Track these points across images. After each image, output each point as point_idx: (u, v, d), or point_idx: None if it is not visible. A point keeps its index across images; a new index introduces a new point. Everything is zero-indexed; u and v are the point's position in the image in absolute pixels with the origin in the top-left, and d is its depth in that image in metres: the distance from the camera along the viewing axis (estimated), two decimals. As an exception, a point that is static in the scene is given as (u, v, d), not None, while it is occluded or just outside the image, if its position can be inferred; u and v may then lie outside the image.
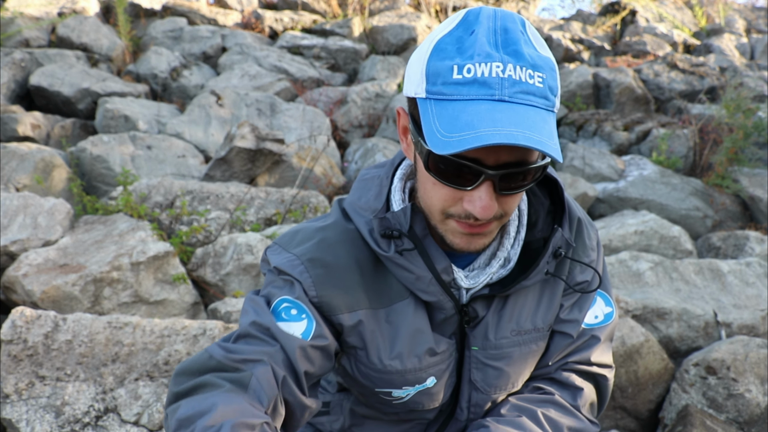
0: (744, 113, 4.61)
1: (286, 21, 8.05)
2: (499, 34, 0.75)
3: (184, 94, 6.05)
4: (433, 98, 0.76)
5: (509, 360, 1.01)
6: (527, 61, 0.74)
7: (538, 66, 0.75)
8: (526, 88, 0.74)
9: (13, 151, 3.80)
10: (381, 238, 0.91)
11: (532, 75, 0.74)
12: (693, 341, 2.77)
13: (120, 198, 3.40)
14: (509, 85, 0.73)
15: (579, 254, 1.01)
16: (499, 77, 0.73)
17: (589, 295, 1.04)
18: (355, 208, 0.96)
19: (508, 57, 0.73)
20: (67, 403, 1.92)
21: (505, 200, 0.83)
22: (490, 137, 0.70)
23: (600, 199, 4.41)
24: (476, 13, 0.78)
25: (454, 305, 0.96)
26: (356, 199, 0.97)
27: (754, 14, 10.40)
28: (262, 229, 3.49)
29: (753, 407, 2.32)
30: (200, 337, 2.16)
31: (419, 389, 1.00)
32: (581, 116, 5.86)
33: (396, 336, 0.96)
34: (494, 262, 0.95)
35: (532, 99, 0.74)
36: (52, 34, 6.56)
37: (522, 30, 0.76)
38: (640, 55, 8.04)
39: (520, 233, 0.97)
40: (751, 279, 3.11)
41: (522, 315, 0.99)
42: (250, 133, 4.10)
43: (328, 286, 0.92)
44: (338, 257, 0.94)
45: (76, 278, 2.61)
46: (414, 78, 0.80)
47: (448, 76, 0.75)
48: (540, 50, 0.77)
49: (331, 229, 0.97)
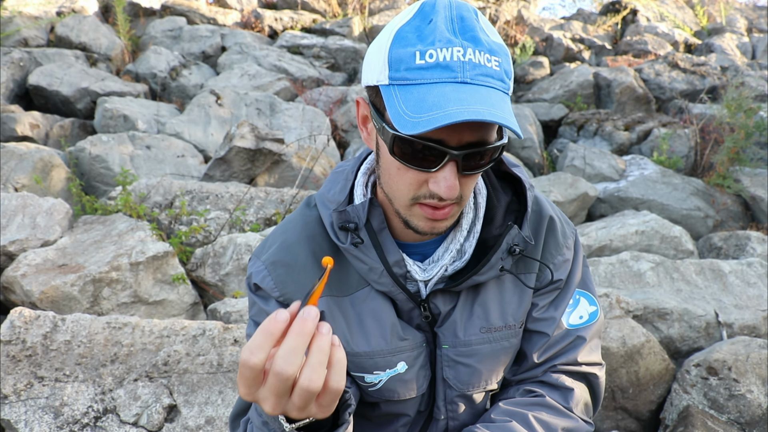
0: (745, 113, 4.60)
1: (285, 20, 8.04)
2: (456, 22, 0.78)
3: (183, 94, 6.04)
4: (397, 84, 0.79)
5: (479, 357, 1.03)
6: (484, 46, 0.78)
7: (494, 51, 0.78)
8: (485, 71, 0.77)
9: (12, 150, 3.79)
10: (339, 230, 0.97)
11: (489, 59, 0.78)
12: (694, 342, 2.76)
13: (119, 198, 3.39)
14: (470, 68, 0.76)
15: (551, 253, 1.04)
16: (461, 61, 0.76)
17: (566, 294, 1.06)
18: (323, 200, 1.02)
19: (467, 42, 0.77)
20: (65, 403, 1.91)
21: (465, 181, 0.85)
22: (459, 114, 0.72)
23: (601, 198, 4.40)
24: (432, 3, 0.81)
25: (409, 297, 0.99)
26: (326, 191, 1.02)
27: (756, 13, 10.39)
28: (261, 229, 3.48)
29: (754, 408, 2.31)
30: (199, 338, 2.15)
31: (391, 374, 1.02)
32: (582, 116, 5.85)
33: (361, 320, 1.00)
34: (446, 255, 0.98)
35: (491, 81, 0.78)
36: (51, 33, 6.55)
37: (476, 18, 0.80)
38: (641, 55, 8.03)
39: (476, 226, 0.99)
40: (753, 279, 3.10)
41: (491, 312, 1.02)
42: (250, 133, 4.09)
43: (289, 282, 0.99)
44: (297, 255, 1.01)
45: (75, 278, 2.60)
46: (375, 66, 0.82)
47: (411, 61, 0.77)
48: (493, 37, 0.80)
49: (291, 228, 1.05)
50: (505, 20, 8.65)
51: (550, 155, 5.53)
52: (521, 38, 8.20)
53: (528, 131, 5.29)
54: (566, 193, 4.02)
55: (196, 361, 2.09)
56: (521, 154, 5.21)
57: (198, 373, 2.07)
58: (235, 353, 2.14)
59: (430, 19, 0.79)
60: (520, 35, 8.36)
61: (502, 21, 8.59)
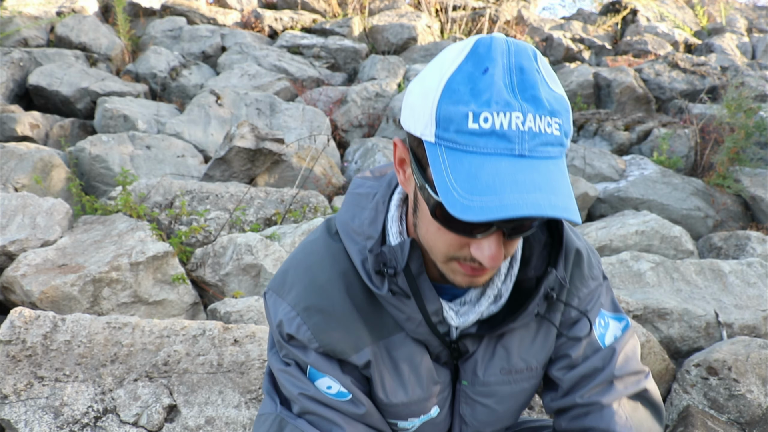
0: (745, 113, 4.60)
1: (285, 20, 8.04)
2: (515, 74, 0.70)
3: (183, 94, 6.04)
4: (445, 145, 0.70)
5: (498, 398, 0.99)
6: (545, 107, 0.70)
7: (555, 111, 0.71)
8: (545, 139, 0.70)
9: (12, 150, 3.79)
10: (375, 273, 0.88)
11: (550, 123, 0.70)
12: (694, 342, 2.76)
13: (119, 198, 3.39)
14: (529, 138, 0.69)
15: (576, 286, 0.98)
16: (519, 130, 0.68)
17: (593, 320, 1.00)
18: (347, 231, 0.92)
19: (527, 104, 0.69)
20: (65, 403, 1.91)
21: (509, 244, 0.80)
22: (517, 208, 0.65)
23: (601, 199, 4.40)
24: (487, 45, 0.71)
25: (441, 342, 0.94)
26: (349, 219, 0.92)
27: (756, 13, 10.39)
28: (261, 229, 3.48)
29: (754, 408, 2.31)
30: (200, 338, 2.15)
31: (424, 420, 0.99)
32: (582, 116, 5.85)
33: (397, 367, 0.95)
34: (483, 300, 0.92)
35: (550, 150, 0.71)
36: (51, 33, 6.55)
37: (537, 68, 0.72)
38: (641, 55, 8.03)
39: (513, 268, 0.93)
40: (753, 279, 3.10)
41: (513, 354, 0.97)
42: (250, 133, 4.09)
43: (329, 332, 0.91)
44: (332, 299, 0.91)
45: (74, 278, 2.60)
46: (420, 116, 0.73)
47: (462, 123, 0.68)
48: (554, 88, 0.72)
49: (318, 264, 0.94)
50: (505, 20, 8.65)
51: (550, 155, 5.53)
52: (521, 38, 8.20)
53: (528, 131, 5.30)
54: (566, 193, 4.02)
55: (196, 361, 2.09)
56: (521, 154, 5.22)
57: (198, 373, 2.07)
58: (235, 353, 2.14)
59: (486, 67, 0.70)
60: (520, 35, 8.35)
61: (502, 21, 8.59)
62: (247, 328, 2.23)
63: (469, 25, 8.63)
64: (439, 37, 8.26)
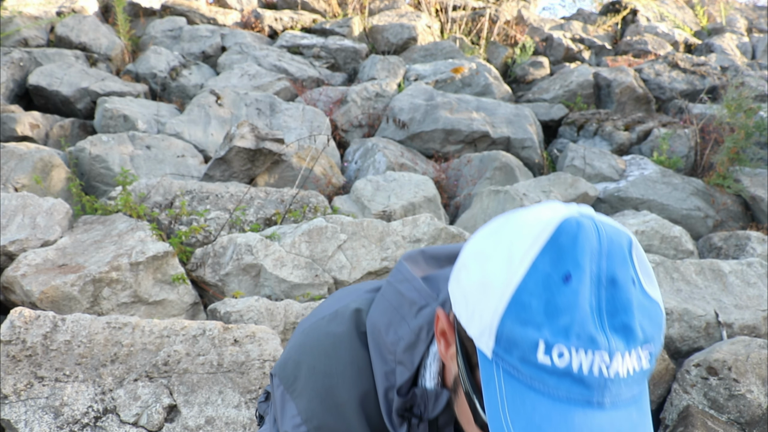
0: (745, 113, 4.60)
1: (285, 20, 8.04)
2: (604, 288, 0.55)
3: (183, 94, 6.04)
4: (504, 368, 0.57)
5: None
6: (638, 338, 0.55)
7: (649, 337, 0.56)
8: (631, 380, 0.55)
9: (12, 150, 3.79)
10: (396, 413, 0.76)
11: (640, 357, 0.56)
12: (694, 342, 2.76)
13: (119, 198, 3.39)
14: (613, 385, 0.54)
15: None
16: (603, 376, 0.53)
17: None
18: (378, 342, 0.78)
19: (616, 338, 0.54)
20: (66, 403, 1.91)
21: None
22: None
23: (601, 199, 4.40)
24: (573, 236, 0.56)
25: None
26: (383, 327, 0.78)
27: (756, 13, 10.39)
28: (261, 229, 3.48)
29: (754, 408, 2.31)
30: (200, 338, 2.15)
31: None
32: (582, 116, 5.85)
33: None
34: None
35: (635, 390, 0.56)
36: (51, 33, 6.55)
37: (632, 274, 0.57)
38: (641, 55, 8.03)
39: None
40: (753, 279, 3.10)
41: None
42: (250, 133, 4.09)
43: None
44: (349, 424, 0.79)
45: (75, 278, 2.60)
46: (476, 318, 0.59)
47: (530, 353, 0.54)
48: (650, 292, 0.58)
49: (339, 375, 0.80)
50: (505, 20, 8.65)
51: (550, 155, 5.53)
52: (521, 38, 8.20)
53: (528, 131, 5.29)
54: (566, 193, 4.02)
55: (196, 361, 2.09)
56: (521, 154, 5.21)
57: (198, 373, 2.07)
58: (235, 353, 2.13)
59: (568, 272, 0.55)
60: (520, 35, 8.36)
61: (502, 21, 8.59)
62: (247, 328, 2.23)
63: (469, 25, 8.63)
64: (439, 37, 8.26)
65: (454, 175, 4.78)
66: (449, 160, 5.08)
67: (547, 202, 0.64)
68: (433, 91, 5.70)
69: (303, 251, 3.11)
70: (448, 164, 4.95)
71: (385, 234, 3.27)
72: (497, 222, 0.64)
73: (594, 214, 0.59)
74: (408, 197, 3.93)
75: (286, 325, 2.66)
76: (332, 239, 3.18)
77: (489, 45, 8.08)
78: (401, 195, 3.95)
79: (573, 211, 0.59)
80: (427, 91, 5.68)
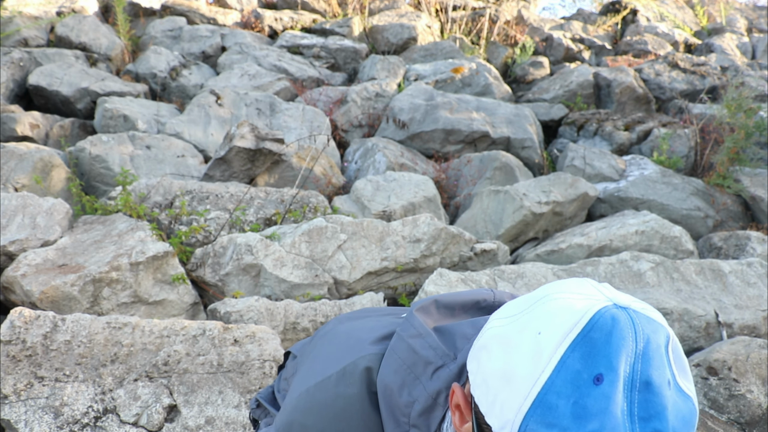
0: (745, 113, 4.60)
1: (285, 20, 8.04)
2: (637, 392, 0.51)
3: (183, 94, 6.04)
4: None
5: None
6: None
7: None
8: None
9: (12, 150, 3.79)
10: None
11: None
12: (694, 341, 2.76)
13: (119, 198, 3.39)
14: None
15: None
16: None
17: None
18: (390, 403, 0.74)
19: None
20: (65, 403, 1.91)
21: None
22: None
23: (601, 199, 4.40)
24: (607, 331, 0.52)
25: None
26: (396, 388, 0.74)
27: (756, 13, 10.39)
28: (261, 229, 3.48)
29: (754, 408, 2.31)
30: (200, 338, 2.15)
31: None
32: (582, 116, 5.85)
33: None
34: None
35: None
36: (51, 33, 6.55)
37: (670, 377, 0.54)
38: (641, 55, 8.03)
39: None
40: (753, 279, 3.10)
41: None
42: (250, 133, 4.09)
43: None
44: None
45: (75, 278, 2.60)
46: (497, 410, 0.56)
47: None
48: (685, 388, 0.55)
49: None
50: (505, 20, 8.65)
51: (550, 155, 5.53)
52: (521, 38, 8.20)
53: (528, 131, 5.29)
54: (566, 193, 4.02)
55: (196, 361, 2.09)
56: (521, 154, 5.21)
57: (198, 373, 2.07)
58: (235, 353, 2.13)
59: (599, 373, 0.51)
60: (520, 35, 8.36)
61: (502, 21, 8.59)
62: (247, 328, 2.23)
63: (469, 25, 8.63)
64: (439, 37, 8.27)
65: (454, 175, 4.78)
66: (449, 160, 5.08)
67: (581, 285, 0.58)
68: (433, 91, 5.70)
69: (303, 251, 3.11)
70: (448, 164, 4.95)
71: (385, 234, 3.27)
72: (525, 301, 0.60)
73: (631, 303, 0.56)
74: (408, 197, 3.93)
75: (286, 325, 2.66)
76: (332, 239, 3.18)
77: (489, 45, 8.08)
78: (401, 195, 3.95)
79: (608, 300, 0.55)
80: (427, 91, 5.68)
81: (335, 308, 2.79)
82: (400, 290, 3.25)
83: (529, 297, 0.61)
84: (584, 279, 0.62)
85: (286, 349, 2.53)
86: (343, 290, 3.13)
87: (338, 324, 0.95)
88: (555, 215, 3.97)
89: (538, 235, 4.01)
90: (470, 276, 3.03)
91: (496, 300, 0.85)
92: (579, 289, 0.58)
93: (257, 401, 1.14)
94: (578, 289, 0.58)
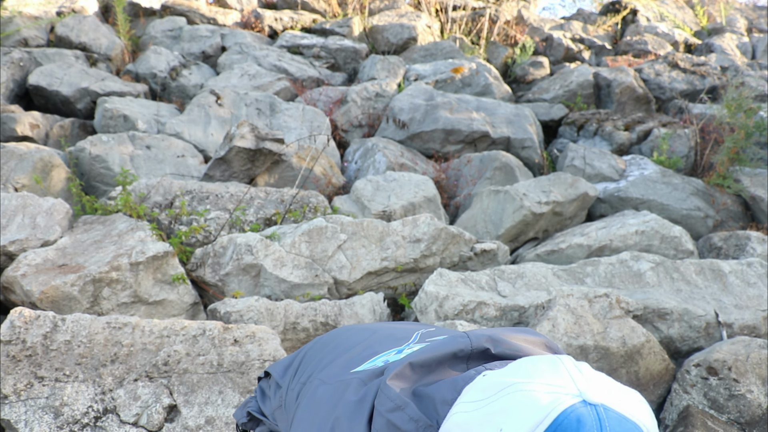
0: (745, 113, 4.60)
1: (285, 20, 8.04)
2: None
3: (183, 94, 6.04)
4: None
5: None
6: None
7: None
8: None
9: (12, 150, 3.79)
10: None
11: None
12: (694, 342, 2.76)
13: (119, 198, 3.39)
14: None
15: None
16: None
17: None
18: None
19: None
20: (66, 403, 1.91)
21: None
22: None
23: (601, 199, 4.40)
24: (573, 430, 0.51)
25: None
26: None
27: (756, 13, 10.39)
28: (261, 229, 3.48)
29: (754, 408, 2.31)
30: (200, 338, 2.15)
31: None
32: (582, 116, 5.85)
33: None
34: None
35: None
36: (51, 33, 6.55)
37: None
38: (641, 55, 8.03)
39: None
40: (753, 279, 3.10)
41: None
42: (250, 133, 4.09)
43: None
44: None
45: (75, 278, 2.60)
46: None
47: None
48: None
49: None
50: (505, 20, 8.65)
51: (550, 155, 5.53)
52: (521, 38, 8.20)
53: (528, 131, 5.29)
54: (566, 193, 4.02)
55: (196, 361, 2.09)
56: (521, 154, 5.21)
57: (198, 373, 2.07)
58: (235, 353, 2.13)
59: None
60: (520, 35, 8.35)
61: (502, 21, 8.59)
62: (247, 328, 2.23)
63: (469, 25, 8.63)
64: (439, 37, 8.26)
65: (454, 175, 4.78)
66: (449, 160, 5.08)
67: (553, 371, 0.55)
68: (433, 91, 5.70)
69: (303, 251, 3.11)
70: (448, 164, 4.95)
71: (385, 234, 3.27)
72: (492, 386, 0.57)
73: (605, 397, 0.52)
74: (408, 197, 3.93)
75: (286, 325, 2.66)
76: (332, 239, 3.18)
77: (489, 45, 8.08)
78: (401, 195, 3.95)
79: (577, 395, 0.51)
80: (427, 91, 5.68)
81: (335, 308, 2.79)
82: (400, 290, 3.25)
83: (496, 382, 0.58)
84: (559, 361, 0.58)
85: (285, 348, 2.53)
86: (343, 290, 3.13)
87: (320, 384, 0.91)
88: (555, 215, 3.97)
89: (538, 235, 4.01)
90: (470, 276, 3.04)
91: (474, 348, 0.80)
92: (549, 378, 0.55)
93: (249, 414, 1.15)
94: (548, 378, 0.55)
